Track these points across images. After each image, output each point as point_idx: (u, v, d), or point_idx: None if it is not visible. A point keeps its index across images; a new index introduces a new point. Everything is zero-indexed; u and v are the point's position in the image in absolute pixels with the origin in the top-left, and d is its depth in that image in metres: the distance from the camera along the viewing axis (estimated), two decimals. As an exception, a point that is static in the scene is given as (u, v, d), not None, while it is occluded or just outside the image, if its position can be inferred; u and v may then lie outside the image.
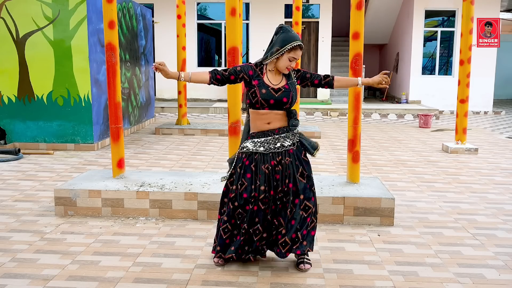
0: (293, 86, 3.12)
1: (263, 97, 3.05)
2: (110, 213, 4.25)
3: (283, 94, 3.06)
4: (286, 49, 2.98)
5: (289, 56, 3.01)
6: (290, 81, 3.12)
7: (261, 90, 3.05)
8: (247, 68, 3.11)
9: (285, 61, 3.03)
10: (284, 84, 3.10)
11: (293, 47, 2.99)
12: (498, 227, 4.09)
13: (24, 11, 6.97)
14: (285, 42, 3.00)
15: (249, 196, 3.06)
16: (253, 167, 3.09)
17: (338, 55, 15.56)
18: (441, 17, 14.67)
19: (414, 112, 12.55)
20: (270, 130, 3.13)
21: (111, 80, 4.63)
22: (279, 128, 3.13)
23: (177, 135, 8.97)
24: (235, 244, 3.13)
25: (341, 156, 7.11)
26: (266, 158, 3.10)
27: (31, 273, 3.09)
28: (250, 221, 3.09)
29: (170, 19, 13.30)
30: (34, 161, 6.49)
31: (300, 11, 8.85)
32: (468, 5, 7.10)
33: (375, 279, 3.07)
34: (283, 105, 3.08)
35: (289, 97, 3.07)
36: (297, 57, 3.03)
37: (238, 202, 3.08)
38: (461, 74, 7.33)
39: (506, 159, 7.13)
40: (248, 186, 3.07)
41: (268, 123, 3.12)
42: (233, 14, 4.57)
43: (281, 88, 3.08)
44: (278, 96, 3.06)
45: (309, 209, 3.12)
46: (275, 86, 3.07)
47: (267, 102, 3.06)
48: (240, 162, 3.13)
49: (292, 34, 3.02)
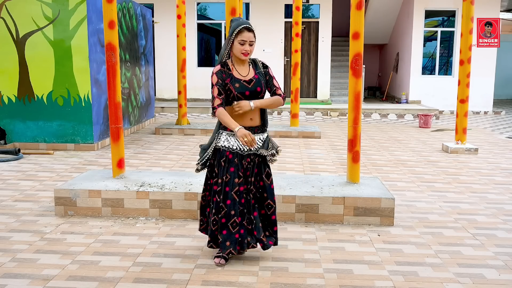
0: (261, 75, 3.19)
1: (238, 90, 3.09)
2: (110, 213, 4.25)
3: (255, 84, 3.14)
4: (234, 35, 3.06)
5: (239, 40, 3.06)
6: (258, 71, 3.20)
7: (234, 85, 3.10)
8: (220, 75, 3.12)
9: (237, 47, 3.08)
10: (253, 75, 3.17)
11: (239, 31, 3.05)
12: (498, 227, 4.09)
13: (24, 11, 6.97)
14: (232, 30, 3.10)
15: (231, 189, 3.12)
16: (236, 161, 3.14)
17: (338, 55, 15.56)
18: (441, 17, 14.67)
19: (414, 112, 12.55)
20: (250, 128, 3.16)
21: (111, 80, 4.63)
22: (258, 127, 3.21)
23: (177, 135, 8.97)
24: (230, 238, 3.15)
25: (341, 156, 7.11)
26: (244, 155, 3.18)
27: (31, 273, 3.09)
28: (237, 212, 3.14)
29: (170, 19, 13.31)
30: (34, 161, 6.49)
31: (300, 11, 8.84)
32: (468, 5, 7.10)
33: (375, 279, 3.07)
34: (258, 95, 3.13)
35: (261, 85, 3.15)
36: (246, 39, 3.05)
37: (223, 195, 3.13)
38: (461, 74, 7.33)
39: (506, 159, 7.13)
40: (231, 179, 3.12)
41: (251, 119, 3.17)
42: (233, 14, 4.58)
43: (252, 78, 3.15)
44: (251, 86, 3.13)
45: (271, 208, 3.26)
46: (246, 78, 3.14)
47: (243, 95, 3.10)
48: (224, 156, 3.15)
49: (238, 21, 3.09)
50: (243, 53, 3.08)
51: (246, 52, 3.09)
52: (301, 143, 8.19)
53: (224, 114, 3.08)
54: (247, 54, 3.10)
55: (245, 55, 3.10)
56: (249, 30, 3.06)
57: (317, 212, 4.10)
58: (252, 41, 3.08)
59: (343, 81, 14.94)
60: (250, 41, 3.07)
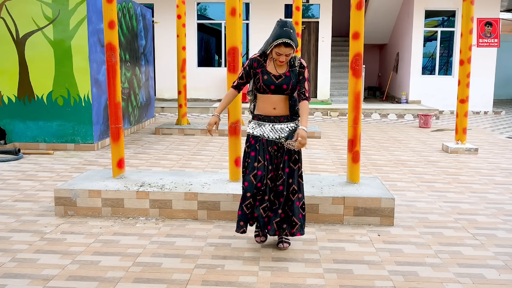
0: (294, 73, 3.34)
1: (264, 82, 3.32)
2: (110, 213, 4.25)
3: (283, 81, 3.31)
4: (273, 46, 3.20)
5: (275, 51, 3.21)
6: (292, 69, 3.34)
7: (263, 76, 3.32)
8: (252, 62, 3.37)
9: (274, 54, 3.25)
10: (285, 72, 3.33)
11: (277, 44, 3.18)
12: (498, 227, 4.09)
13: (24, 11, 6.97)
14: (273, 39, 3.21)
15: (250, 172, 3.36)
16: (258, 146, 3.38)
17: (338, 55, 15.56)
18: (441, 17, 14.67)
19: (414, 112, 12.55)
20: (275, 117, 3.38)
21: (111, 80, 4.63)
22: (284, 116, 3.39)
23: (177, 135, 8.97)
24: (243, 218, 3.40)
25: (341, 156, 7.11)
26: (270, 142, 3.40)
27: (31, 273, 3.09)
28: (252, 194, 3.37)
29: (170, 19, 13.31)
30: (34, 161, 6.49)
31: (300, 11, 8.84)
32: (468, 5, 7.10)
33: (375, 279, 3.07)
34: (283, 91, 3.32)
35: (289, 84, 3.31)
36: (282, 52, 3.20)
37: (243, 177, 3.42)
38: (461, 74, 7.33)
39: (506, 159, 7.13)
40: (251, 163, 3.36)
41: (274, 108, 3.37)
42: (233, 14, 4.57)
43: (282, 75, 3.32)
44: (278, 82, 3.32)
45: (295, 193, 3.42)
46: (276, 73, 3.32)
47: (268, 87, 3.32)
48: (248, 142, 3.43)
49: (281, 31, 3.18)
50: (279, 61, 3.27)
51: (282, 62, 3.27)
52: (301, 143, 8.17)
53: (227, 95, 3.46)
54: (282, 63, 3.28)
55: (280, 63, 3.28)
56: (286, 46, 3.17)
57: (317, 212, 4.10)
58: (288, 54, 3.22)
59: (343, 81, 14.94)
60: (287, 54, 3.22)
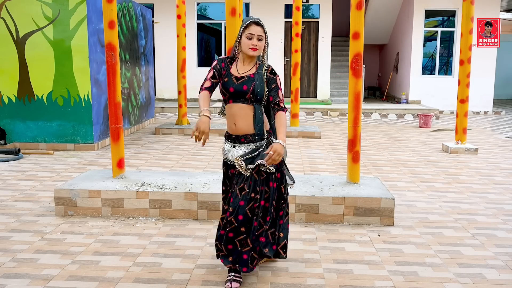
0: (259, 76, 2.89)
1: (223, 85, 2.91)
2: (110, 213, 4.25)
3: (244, 83, 2.86)
4: (241, 31, 2.87)
5: (246, 34, 2.85)
6: (258, 72, 2.91)
7: (224, 79, 2.93)
8: (220, 62, 2.99)
9: (245, 42, 2.87)
10: (249, 74, 2.90)
11: (246, 25, 2.86)
12: (498, 227, 4.09)
13: (24, 11, 6.97)
14: (241, 26, 2.91)
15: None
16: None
17: (338, 55, 15.56)
18: (441, 17, 14.67)
19: (414, 112, 12.55)
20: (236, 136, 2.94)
21: (111, 80, 4.63)
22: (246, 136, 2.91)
23: (177, 135, 8.97)
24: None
25: (341, 156, 7.11)
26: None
27: (31, 273, 3.09)
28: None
29: (170, 19, 13.31)
30: (34, 161, 6.49)
31: (300, 11, 8.84)
32: (468, 5, 7.10)
33: (375, 279, 3.07)
34: (243, 95, 2.85)
35: (250, 86, 2.85)
36: (254, 32, 2.84)
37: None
38: (461, 74, 7.33)
39: (506, 159, 7.13)
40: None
41: (234, 124, 2.92)
42: (233, 14, 4.57)
43: (245, 76, 2.89)
44: (238, 84, 2.87)
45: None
46: (239, 75, 2.91)
47: (227, 91, 2.89)
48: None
49: (248, 18, 2.91)
50: (251, 48, 2.86)
51: (255, 47, 2.86)
52: (301, 143, 8.19)
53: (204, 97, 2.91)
54: (255, 49, 2.86)
55: (253, 50, 2.86)
56: (257, 24, 2.85)
57: (317, 212, 4.10)
58: (260, 35, 2.86)
59: (343, 81, 14.94)
60: (258, 35, 2.85)
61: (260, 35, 2.87)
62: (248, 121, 2.89)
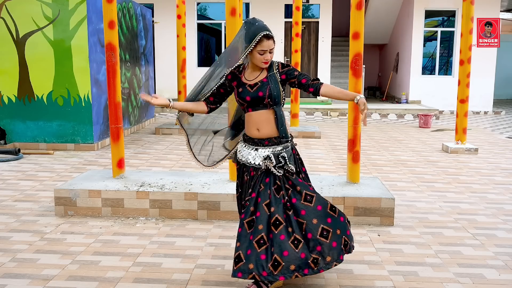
0: (272, 78, 2.83)
1: (239, 96, 2.85)
2: (110, 213, 4.25)
3: (259, 89, 2.80)
4: (253, 45, 2.72)
5: (258, 50, 2.74)
6: (271, 73, 2.85)
7: (238, 89, 2.87)
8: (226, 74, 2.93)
9: (256, 57, 2.77)
10: (262, 78, 2.84)
11: (258, 41, 2.72)
12: (498, 227, 4.09)
13: (24, 11, 6.97)
14: (249, 38, 2.75)
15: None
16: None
17: (338, 55, 15.55)
18: (441, 17, 14.66)
19: (414, 112, 12.54)
20: (259, 140, 2.87)
21: (111, 80, 4.63)
22: (269, 139, 2.86)
23: (177, 135, 8.97)
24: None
25: (341, 156, 7.11)
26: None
27: (31, 273, 3.09)
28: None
29: (170, 19, 13.30)
30: (34, 161, 6.49)
31: (300, 11, 8.83)
32: (468, 5, 7.10)
33: (375, 279, 3.07)
34: (261, 101, 2.80)
35: (265, 90, 2.78)
36: (266, 48, 2.74)
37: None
38: (461, 74, 7.33)
39: (506, 159, 7.13)
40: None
41: (257, 130, 2.86)
42: (233, 14, 4.57)
43: (258, 82, 2.83)
44: (253, 91, 2.81)
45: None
46: (252, 82, 2.84)
47: (244, 101, 2.83)
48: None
49: (255, 27, 2.75)
50: (264, 62, 2.79)
51: (267, 61, 2.80)
52: (301, 143, 8.18)
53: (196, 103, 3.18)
54: (267, 63, 2.81)
55: (265, 64, 2.81)
56: (268, 38, 2.73)
57: (317, 212, 4.10)
58: (272, 48, 2.78)
59: (343, 81, 14.92)
60: (270, 49, 2.77)
61: (272, 48, 2.79)
62: (271, 125, 2.85)
